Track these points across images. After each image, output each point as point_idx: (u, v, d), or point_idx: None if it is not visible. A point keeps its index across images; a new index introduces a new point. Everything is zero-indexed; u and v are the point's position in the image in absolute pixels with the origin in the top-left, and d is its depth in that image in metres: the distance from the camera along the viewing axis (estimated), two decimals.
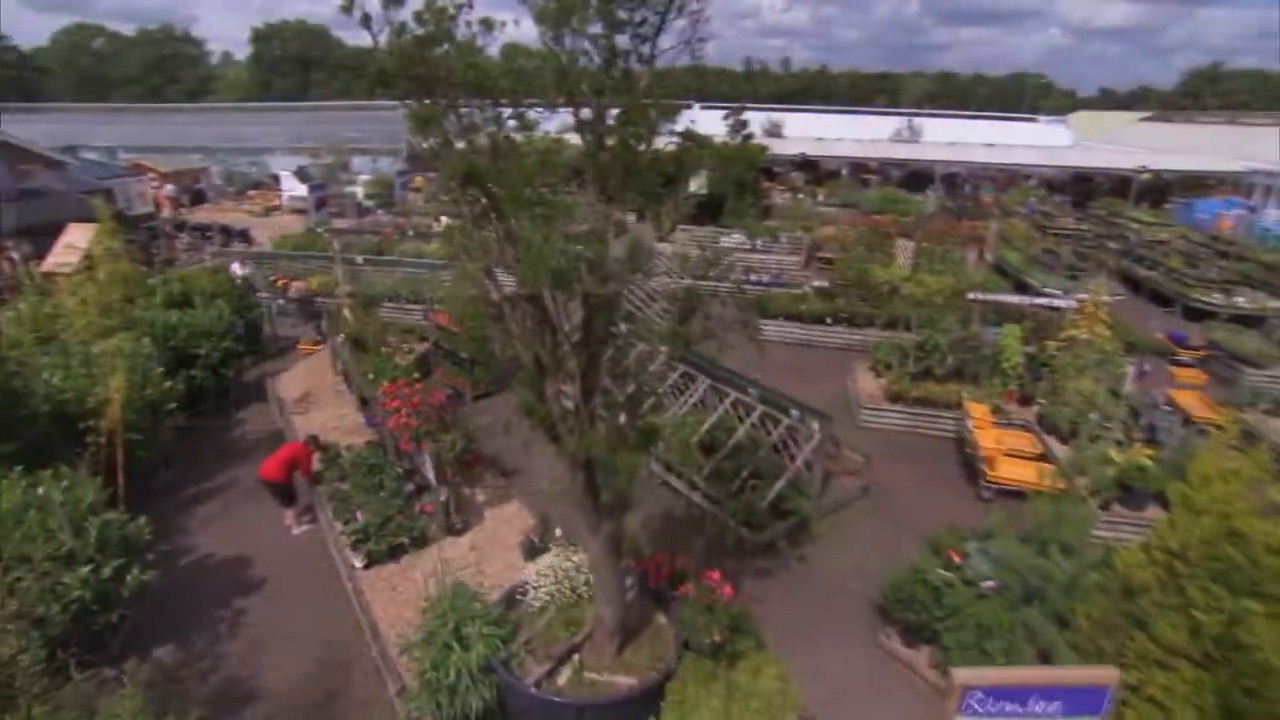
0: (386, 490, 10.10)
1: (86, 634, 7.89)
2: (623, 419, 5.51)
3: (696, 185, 23.49)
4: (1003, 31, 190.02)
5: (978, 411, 12.75)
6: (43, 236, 18.81)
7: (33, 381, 10.45)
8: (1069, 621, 6.97)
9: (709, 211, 23.70)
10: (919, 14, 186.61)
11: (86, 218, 14.79)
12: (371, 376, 11.37)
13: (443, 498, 9.83)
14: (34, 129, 46.81)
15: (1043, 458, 12.05)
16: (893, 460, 12.71)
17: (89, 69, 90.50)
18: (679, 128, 4.96)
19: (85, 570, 7.58)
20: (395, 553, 9.41)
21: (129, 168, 35.16)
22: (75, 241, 14.77)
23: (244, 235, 29.40)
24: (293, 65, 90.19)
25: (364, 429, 12.64)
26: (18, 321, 12.92)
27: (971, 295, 16.94)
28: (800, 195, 35.84)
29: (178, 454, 12.05)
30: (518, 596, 7.68)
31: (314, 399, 14.16)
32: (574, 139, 5.11)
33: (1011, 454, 11.91)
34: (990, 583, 7.72)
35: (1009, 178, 39.96)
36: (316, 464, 10.94)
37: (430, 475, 9.57)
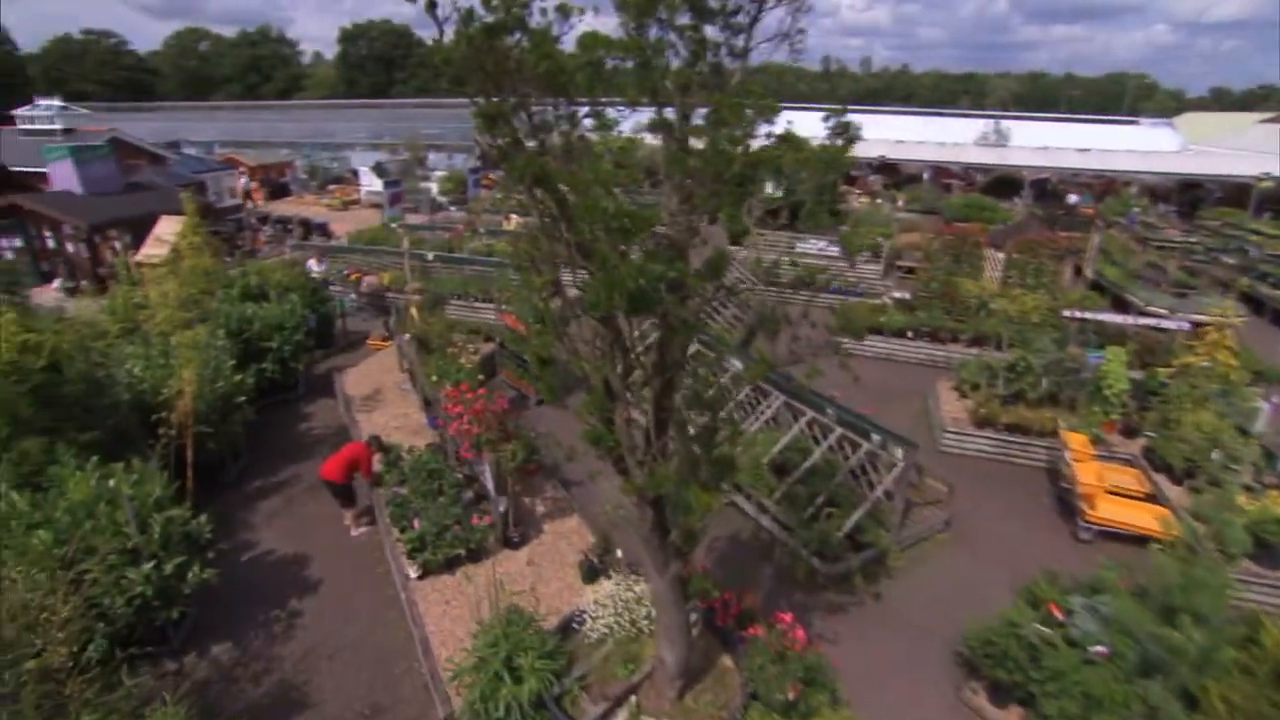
0: (445, 497, 9.87)
1: (149, 627, 7.94)
2: (697, 451, 4.96)
3: (772, 187, 22.72)
4: (1098, 28, 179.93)
5: (1076, 442, 11.61)
6: (143, 227, 19.74)
7: (115, 371, 10.73)
8: (1199, 702, 6.05)
9: (780, 214, 22.87)
10: (1006, 12, 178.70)
11: (180, 210, 15.29)
12: (435, 378, 11.19)
13: (501, 508, 9.52)
14: (144, 126, 49.89)
15: (1151, 498, 10.87)
16: (979, 491, 11.72)
17: (194, 70, 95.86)
18: (776, 129, 4.37)
19: (148, 566, 7.58)
20: (451, 564, 9.15)
21: (222, 162, 36.76)
22: (165, 233, 15.28)
23: (323, 228, 30.23)
24: (377, 64, 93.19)
25: (426, 430, 12.52)
26: (110, 310, 13.41)
27: (1069, 313, 15.64)
28: (878, 200, 34.41)
29: (245, 447, 12.19)
30: (574, 625, 7.26)
31: (379, 396, 14.17)
32: (651, 140, 4.62)
33: (1114, 492, 10.79)
34: (1101, 647, 6.83)
35: (1106, 185, 37.32)
36: (377, 465, 10.82)
37: (490, 485, 9.27)
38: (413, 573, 8.98)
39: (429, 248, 21.52)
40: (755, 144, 4.53)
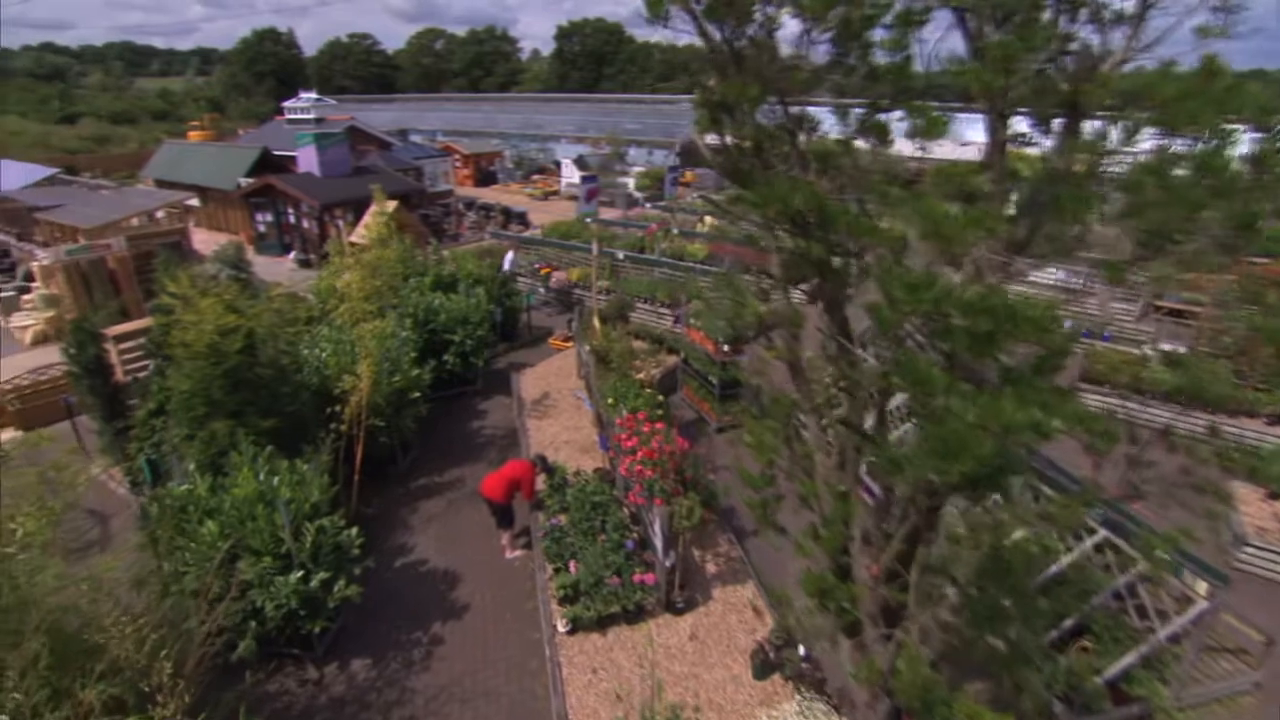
0: (607, 539, 8.73)
1: (296, 631, 7.63)
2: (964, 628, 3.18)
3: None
4: None
5: None
6: (364, 208, 21.07)
7: (308, 351, 10.85)
8: None
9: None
10: None
11: (397, 193, 15.79)
12: (611, 401, 10.12)
13: (668, 563, 8.18)
14: (382, 116, 55.43)
15: None
16: None
17: (429, 66, 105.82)
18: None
19: (295, 577, 7.18)
20: (603, 623, 7.98)
21: (440, 149, 39.35)
22: (375, 214, 15.76)
23: (522, 218, 31.03)
24: (588, 60, 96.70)
25: (596, 450, 11.55)
26: (315, 290, 13.95)
27: None
28: None
29: (417, 439, 11.99)
30: None
31: (552, 402, 13.50)
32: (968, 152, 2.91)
33: None
34: None
35: None
36: (540, 485, 9.98)
37: (658, 541, 7.95)
38: (561, 626, 7.92)
39: (620, 245, 20.85)
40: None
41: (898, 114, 2.61)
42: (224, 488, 7.79)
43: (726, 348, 12.40)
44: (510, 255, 19.65)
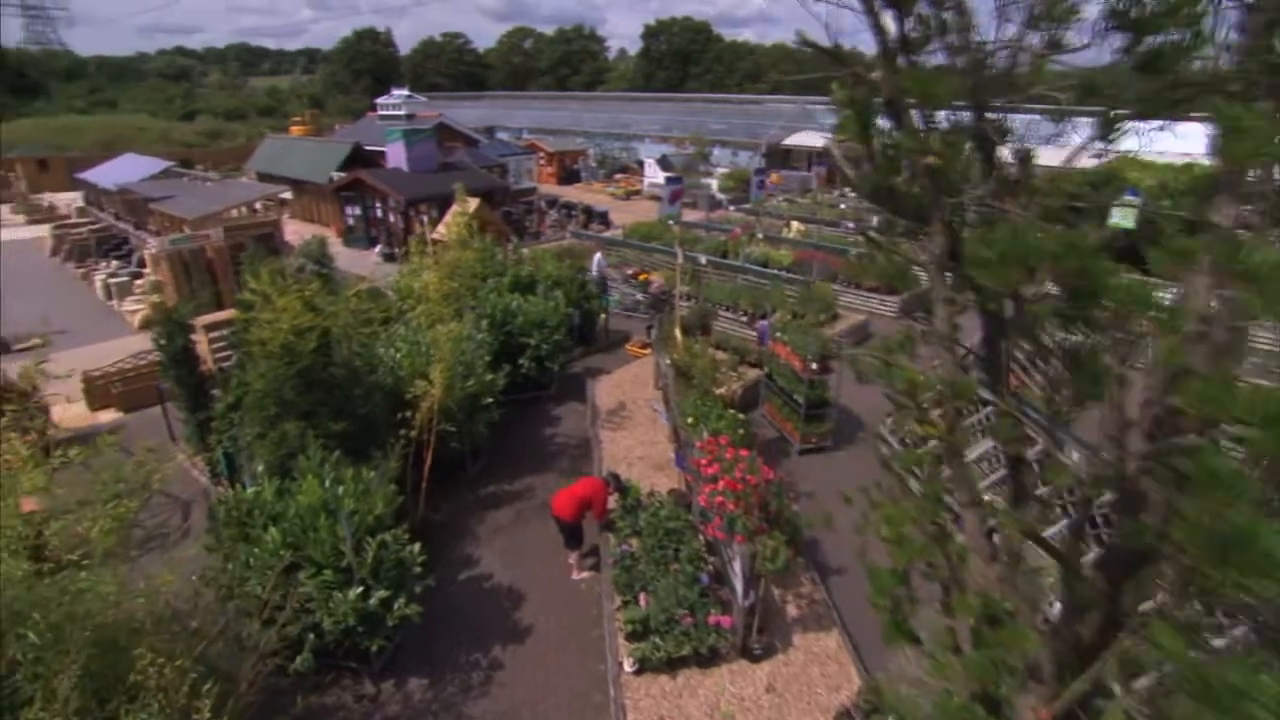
0: (681, 572, 8.08)
1: (354, 646, 7.35)
2: None
3: (1121, 216, 17.58)
4: None
5: None
6: (448, 205, 21.19)
7: (384, 351, 10.68)
8: None
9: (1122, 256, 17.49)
10: None
11: (480, 190, 15.63)
12: (691, 420, 9.45)
13: (746, 604, 7.46)
14: (470, 113, 56.54)
15: None
16: None
17: (518, 64, 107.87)
18: None
19: (355, 594, 6.87)
20: (673, 665, 7.34)
21: (525, 147, 39.63)
22: (456, 214, 15.66)
23: (603, 217, 30.74)
24: (674, 59, 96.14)
25: (672, 468, 10.91)
26: (395, 286, 13.89)
27: None
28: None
29: (487, 447, 11.69)
30: None
31: (628, 413, 12.96)
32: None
33: None
34: None
35: None
36: (612, 504, 9.44)
37: (738, 583, 7.24)
38: (628, 665, 7.33)
39: (702, 249, 20.14)
40: None
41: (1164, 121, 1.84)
42: (290, 492, 7.61)
43: (814, 365, 11.54)
44: (599, 258, 19.11)
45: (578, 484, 9.18)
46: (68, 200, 36.04)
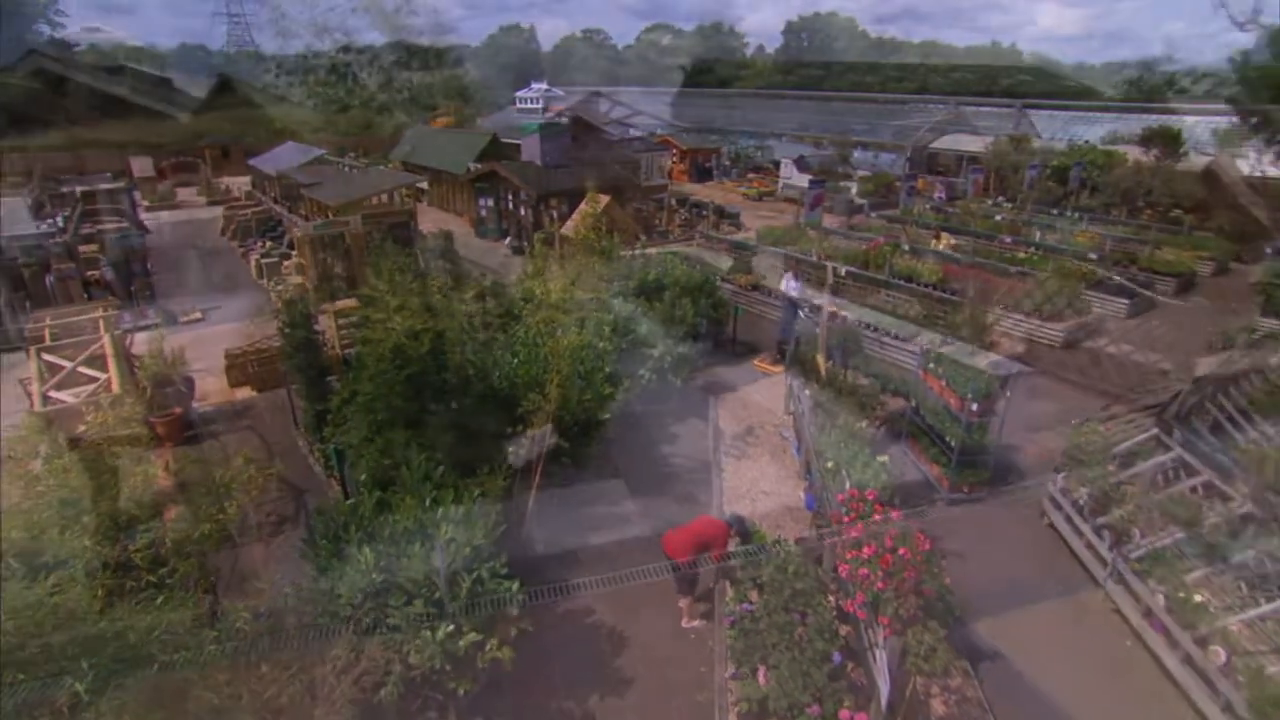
0: (808, 644, 6.81)
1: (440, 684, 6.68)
2: None
3: None
4: None
5: None
6: (579, 200, 20.76)
7: (500, 356, 10.07)
8: None
9: None
10: None
11: (611, 186, 14.91)
12: (830, 465, 8.13)
13: (885, 700, 6.10)
14: (606, 108, 56.67)
15: None
16: None
17: (654, 61, 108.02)
18: None
19: (443, 632, 6.16)
20: None
21: (658, 143, 38.89)
22: (585, 213, 15.01)
23: (735, 218, 29.42)
24: (815, 57, 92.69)
25: (802, 509, 9.61)
26: (518, 287, 13.37)
27: None
28: None
29: (602, 460, 10.86)
30: None
31: (754, 440, 11.72)
32: None
33: None
34: None
35: None
36: (732, 546, 8.30)
37: (881, 681, 5.90)
38: None
39: (840, 258, 18.45)
40: None
41: None
42: (389, 506, 7.06)
43: (975, 406, 9.85)
44: (790, 279, 14.63)
45: (696, 523, 8.13)
46: (241, 184, 39.22)
